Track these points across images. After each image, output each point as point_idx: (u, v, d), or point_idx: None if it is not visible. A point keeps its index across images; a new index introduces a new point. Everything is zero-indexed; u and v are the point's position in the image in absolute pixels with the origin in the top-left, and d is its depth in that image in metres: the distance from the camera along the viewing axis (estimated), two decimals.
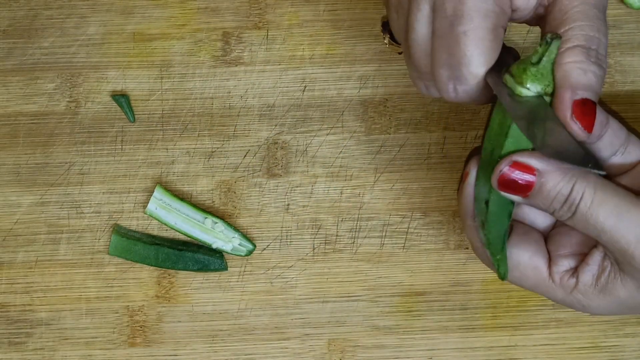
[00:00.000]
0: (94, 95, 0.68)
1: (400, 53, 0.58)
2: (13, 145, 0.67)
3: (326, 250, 0.66)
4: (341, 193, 0.67)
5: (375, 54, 0.68)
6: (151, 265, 0.66)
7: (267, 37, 0.68)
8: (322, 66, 0.68)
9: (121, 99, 0.67)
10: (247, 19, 0.69)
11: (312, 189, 0.67)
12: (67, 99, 0.68)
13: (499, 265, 0.55)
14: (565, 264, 0.55)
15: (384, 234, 0.67)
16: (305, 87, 0.68)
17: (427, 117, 0.67)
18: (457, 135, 0.67)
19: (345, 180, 0.67)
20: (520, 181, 0.51)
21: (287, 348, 0.66)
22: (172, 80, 0.68)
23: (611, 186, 0.52)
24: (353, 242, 0.66)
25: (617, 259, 0.53)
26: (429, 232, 0.67)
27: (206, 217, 0.66)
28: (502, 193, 0.52)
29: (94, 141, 0.67)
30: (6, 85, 0.68)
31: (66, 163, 0.67)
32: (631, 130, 0.55)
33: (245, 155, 0.67)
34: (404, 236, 0.66)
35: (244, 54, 0.68)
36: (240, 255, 0.66)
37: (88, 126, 0.67)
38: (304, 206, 0.67)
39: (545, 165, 0.51)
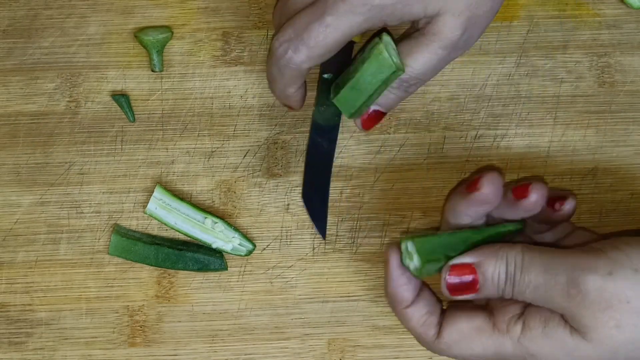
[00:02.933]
0: (94, 95, 0.68)
1: None
2: (13, 145, 0.67)
3: (326, 250, 0.66)
4: (341, 193, 0.67)
5: None
6: (151, 265, 0.66)
7: (267, 37, 0.68)
8: None
9: (121, 98, 0.67)
10: (247, 18, 0.69)
11: None
12: (67, 99, 0.68)
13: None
14: (511, 310, 0.56)
15: (384, 234, 0.67)
16: None
17: (427, 117, 0.67)
18: (457, 135, 0.67)
19: (345, 180, 0.67)
20: (465, 281, 0.55)
21: (287, 348, 0.66)
22: (172, 80, 0.68)
23: (535, 247, 0.55)
24: (353, 242, 0.66)
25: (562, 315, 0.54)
26: None
27: (206, 217, 0.66)
28: (455, 298, 0.55)
29: (94, 141, 0.67)
30: (6, 85, 0.68)
31: (66, 163, 0.67)
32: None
33: (245, 155, 0.67)
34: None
35: (244, 54, 0.68)
36: (240, 255, 0.66)
37: (88, 126, 0.67)
38: (304, 206, 0.67)
39: (477, 255, 0.55)
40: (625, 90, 0.68)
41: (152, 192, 0.66)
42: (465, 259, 0.55)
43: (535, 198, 0.55)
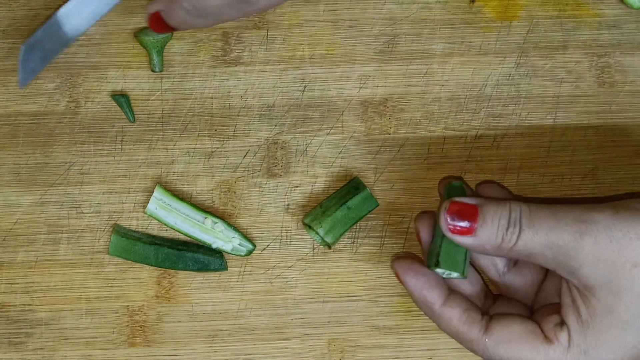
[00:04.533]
0: (94, 95, 0.68)
1: None
2: (13, 145, 0.67)
3: (326, 250, 0.66)
4: None
5: (375, 54, 0.68)
6: (151, 265, 0.66)
7: (267, 37, 0.68)
8: (322, 66, 0.68)
9: (121, 99, 0.67)
10: (247, 19, 0.69)
11: (312, 189, 0.67)
12: (67, 99, 0.68)
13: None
14: (551, 319, 0.55)
15: (384, 234, 0.66)
16: (305, 87, 0.68)
17: (427, 117, 0.67)
18: (457, 135, 0.67)
19: (345, 180, 0.67)
20: (465, 213, 0.54)
21: (287, 348, 0.66)
22: (172, 80, 0.68)
23: (538, 203, 0.55)
24: (353, 242, 0.66)
25: (572, 278, 0.54)
26: None
27: (206, 217, 0.66)
28: (454, 237, 0.54)
29: (94, 141, 0.67)
30: (6, 85, 0.68)
31: (66, 163, 0.67)
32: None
33: (245, 155, 0.67)
34: (404, 236, 0.66)
35: (244, 54, 0.68)
36: (240, 255, 0.66)
37: (88, 126, 0.67)
38: (304, 206, 0.67)
39: (479, 200, 0.55)
40: (625, 90, 0.68)
41: (152, 192, 0.66)
42: (469, 200, 0.55)
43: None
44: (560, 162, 0.67)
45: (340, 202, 0.65)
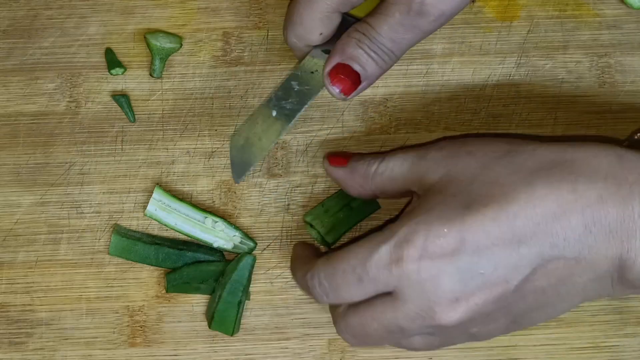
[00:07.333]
0: (94, 95, 0.68)
1: None
2: (13, 145, 0.67)
3: (326, 250, 0.66)
4: None
5: None
6: (151, 265, 0.66)
7: (267, 37, 0.68)
8: None
9: (121, 99, 0.67)
10: (247, 19, 0.69)
11: (312, 189, 0.67)
12: (68, 99, 0.68)
13: None
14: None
15: None
16: None
17: (427, 117, 0.67)
18: (458, 136, 0.67)
19: None
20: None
21: (287, 348, 0.66)
22: (172, 80, 0.68)
23: None
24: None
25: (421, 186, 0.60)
26: None
27: (206, 217, 0.65)
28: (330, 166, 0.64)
29: (94, 141, 0.67)
30: (6, 85, 0.68)
31: (66, 163, 0.67)
32: None
33: None
34: None
35: (244, 54, 0.68)
36: None
37: (88, 126, 0.67)
38: (304, 206, 0.67)
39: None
40: (626, 90, 0.68)
41: (152, 192, 0.66)
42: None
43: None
44: None
45: (342, 203, 0.65)
